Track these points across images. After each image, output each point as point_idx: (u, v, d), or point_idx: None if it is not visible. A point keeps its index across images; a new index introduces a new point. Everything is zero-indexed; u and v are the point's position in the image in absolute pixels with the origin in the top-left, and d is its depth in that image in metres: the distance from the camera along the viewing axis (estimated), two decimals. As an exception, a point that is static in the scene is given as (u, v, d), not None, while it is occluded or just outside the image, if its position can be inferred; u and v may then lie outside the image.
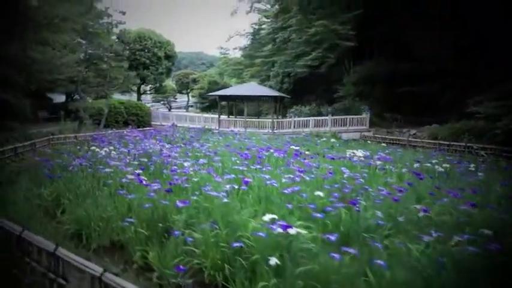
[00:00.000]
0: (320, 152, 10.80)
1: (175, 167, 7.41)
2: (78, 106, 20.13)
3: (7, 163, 11.55)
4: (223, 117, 24.51)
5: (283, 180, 6.39)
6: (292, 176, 6.57)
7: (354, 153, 9.95)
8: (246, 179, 6.06)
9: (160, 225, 5.00)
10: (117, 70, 21.87)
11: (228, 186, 5.68)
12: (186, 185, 6.20)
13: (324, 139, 14.69)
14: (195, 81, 48.97)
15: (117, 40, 24.73)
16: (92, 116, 22.11)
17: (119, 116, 23.54)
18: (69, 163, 9.08)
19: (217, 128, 22.79)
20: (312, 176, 6.88)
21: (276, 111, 24.83)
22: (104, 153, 9.32)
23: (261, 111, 30.81)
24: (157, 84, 39.61)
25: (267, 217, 4.06)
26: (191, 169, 7.26)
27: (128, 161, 8.73)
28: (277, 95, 24.83)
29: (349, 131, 21.41)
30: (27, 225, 5.20)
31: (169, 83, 48.33)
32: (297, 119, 23.09)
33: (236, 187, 5.92)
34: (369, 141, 16.12)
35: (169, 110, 42.49)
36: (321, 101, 30.23)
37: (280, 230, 3.95)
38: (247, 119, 23.48)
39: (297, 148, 10.82)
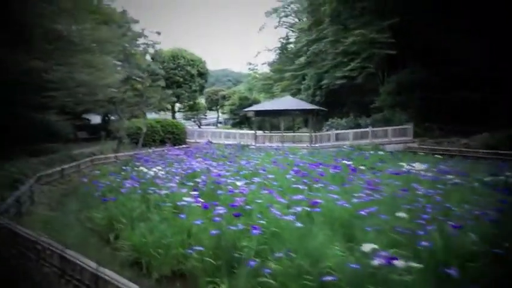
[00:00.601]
0: (376, 167, 10.11)
1: (231, 187, 6.98)
2: (117, 126, 20.45)
3: (55, 185, 11.62)
4: (259, 132, 24.11)
5: (354, 200, 5.81)
6: (362, 195, 5.97)
7: (412, 166, 9.21)
8: (314, 200, 5.52)
9: (234, 254, 4.51)
10: (154, 89, 22.17)
11: (298, 208, 5.17)
12: (249, 207, 5.75)
13: (371, 152, 13.94)
14: (224, 97, 49.30)
15: (151, 60, 25.21)
16: (129, 136, 22.40)
17: (155, 134, 23.72)
18: (118, 185, 8.90)
19: (253, 143, 22.40)
20: (383, 194, 6.25)
21: (312, 124, 24.16)
22: (152, 173, 9.05)
23: (293, 126, 30.25)
24: (191, 102, 40.06)
25: (367, 247, 3.48)
26: (248, 189, 6.82)
27: (177, 181, 8.41)
28: (315, 108, 24.24)
29: (392, 142, 20.44)
30: (81, 250, 4.93)
31: (200, 100, 49.00)
32: (336, 131, 22.35)
33: (305, 209, 5.39)
34: (421, 153, 15.14)
35: (199, 126, 42.85)
36: (354, 112, 29.42)
37: (379, 261, 3.38)
38: (283, 134, 23.00)
39: (349, 163, 10.18)
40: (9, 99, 11.70)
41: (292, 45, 47.00)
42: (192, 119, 45.12)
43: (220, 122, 53.61)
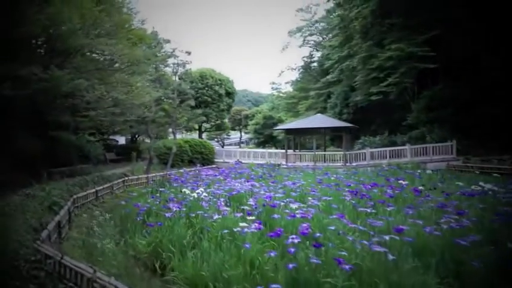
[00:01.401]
0: (436, 187, 9.19)
1: (289, 211, 6.26)
2: (148, 146, 20.25)
3: (90, 208, 11.18)
4: (289, 151, 23.35)
5: (443, 226, 4.98)
6: (450, 220, 5.14)
7: (482, 186, 8.24)
8: (399, 227, 4.73)
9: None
10: (184, 109, 22.00)
11: (386, 237, 4.40)
12: (318, 235, 5.01)
13: (419, 170, 12.97)
14: (247, 117, 49.14)
15: (180, 79, 25.18)
16: (158, 156, 22.14)
17: (184, 154, 23.35)
18: (158, 207, 8.35)
19: (284, 163, 21.66)
20: (471, 218, 5.38)
21: (345, 143, 23.20)
22: (195, 195, 8.44)
23: (324, 144, 29.35)
24: (219, 121, 39.89)
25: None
26: (309, 213, 6.09)
27: (222, 203, 7.76)
28: (348, 125, 23.36)
29: (434, 160, 19.24)
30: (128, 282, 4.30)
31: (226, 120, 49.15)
32: (371, 150, 21.33)
33: (393, 238, 4.59)
34: (476, 172, 14.00)
35: (223, 146, 42.55)
36: (383, 130, 28.29)
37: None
38: (316, 153, 22.13)
39: (405, 183, 9.31)
40: (48, 122, 11.58)
41: (315, 64, 46.71)
42: (216, 139, 44.95)
43: (242, 142, 53.28)
